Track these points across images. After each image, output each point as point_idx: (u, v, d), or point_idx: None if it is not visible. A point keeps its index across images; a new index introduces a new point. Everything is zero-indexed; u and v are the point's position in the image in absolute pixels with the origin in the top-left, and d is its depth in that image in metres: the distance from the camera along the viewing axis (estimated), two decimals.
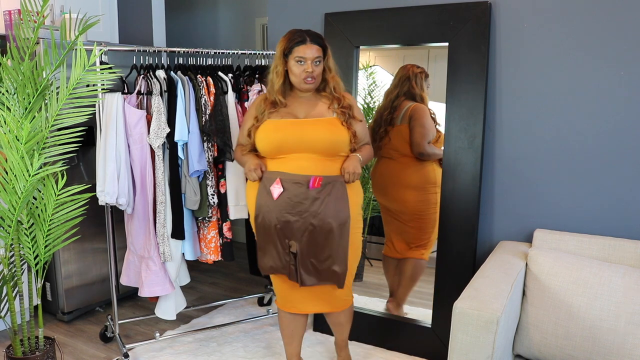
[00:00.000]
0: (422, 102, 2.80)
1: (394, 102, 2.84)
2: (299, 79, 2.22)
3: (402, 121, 2.82)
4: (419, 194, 2.86)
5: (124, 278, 2.84)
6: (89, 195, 2.42)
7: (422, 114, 2.79)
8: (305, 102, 2.30)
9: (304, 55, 2.18)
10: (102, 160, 2.56)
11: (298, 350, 2.56)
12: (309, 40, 2.19)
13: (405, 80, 2.82)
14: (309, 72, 2.19)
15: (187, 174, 2.66)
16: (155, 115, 2.57)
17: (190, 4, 5.23)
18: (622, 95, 2.30)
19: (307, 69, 2.19)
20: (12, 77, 2.28)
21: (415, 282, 2.93)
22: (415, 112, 2.80)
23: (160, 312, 2.84)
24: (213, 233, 2.79)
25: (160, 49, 2.75)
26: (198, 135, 2.66)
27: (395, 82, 2.86)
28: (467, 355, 1.87)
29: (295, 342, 2.53)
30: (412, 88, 2.80)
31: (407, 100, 2.81)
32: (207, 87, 2.72)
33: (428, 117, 2.80)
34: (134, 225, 2.72)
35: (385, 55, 2.95)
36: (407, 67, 2.84)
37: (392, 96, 2.85)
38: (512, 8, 2.49)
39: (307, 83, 2.22)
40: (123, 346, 2.75)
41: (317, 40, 2.22)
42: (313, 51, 2.19)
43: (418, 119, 2.79)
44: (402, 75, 2.83)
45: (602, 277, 2.04)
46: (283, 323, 2.50)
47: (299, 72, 2.20)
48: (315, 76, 2.22)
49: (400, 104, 2.82)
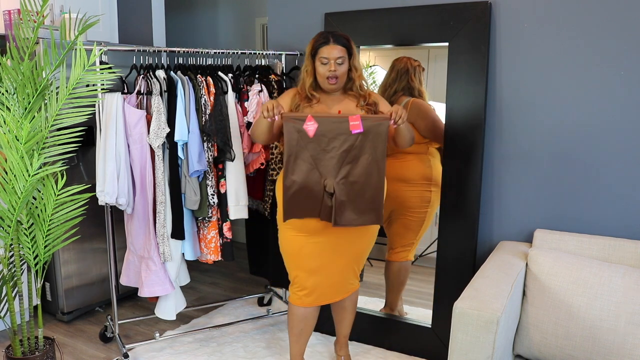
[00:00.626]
0: (421, 97, 2.75)
1: (391, 98, 2.77)
2: (323, 79, 2.30)
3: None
4: (412, 189, 2.81)
5: (124, 278, 2.84)
6: (88, 195, 2.42)
7: (427, 110, 2.74)
8: (336, 99, 2.37)
9: (328, 55, 2.25)
10: (102, 160, 2.55)
11: (304, 349, 2.57)
12: (332, 41, 2.26)
13: (404, 74, 2.76)
14: (332, 71, 2.25)
15: (187, 173, 2.66)
16: (155, 115, 2.57)
17: (190, 4, 5.23)
18: (622, 94, 2.30)
19: (330, 68, 2.25)
20: (12, 77, 2.28)
21: (404, 285, 2.92)
22: (419, 110, 2.72)
23: (160, 312, 2.84)
24: (213, 233, 2.79)
25: (160, 48, 2.75)
26: (198, 135, 2.66)
27: (393, 76, 2.79)
28: (467, 355, 1.87)
29: (303, 340, 2.53)
30: (411, 82, 2.75)
31: (405, 96, 2.77)
32: (207, 87, 2.72)
33: (431, 110, 2.74)
34: (133, 225, 2.71)
35: (385, 55, 2.95)
36: (403, 59, 2.77)
37: (390, 91, 2.78)
38: (512, 8, 2.48)
39: (330, 83, 2.29)
40: (123, 346, 2.75)
41: (341, 41, 2.27)
42: (336, 51, 2.25)
43: (426, 116, 2.73)
44: (399, 68, 2.77)
45: (602, 277, 2.04)
46: (294, 321, 2.48)
47: (323, 71, 2.28)
48: (339, 75, 2.28)
49: (398, 99, 2.77)
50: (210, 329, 3.08)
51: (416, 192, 2.81)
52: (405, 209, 2.83)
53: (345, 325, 2.63)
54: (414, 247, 2.87)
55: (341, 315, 2.60)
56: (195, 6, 5.21)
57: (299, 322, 2.47)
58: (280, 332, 3.07)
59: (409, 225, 2.85)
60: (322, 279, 2.41)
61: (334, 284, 2.46)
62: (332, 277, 2.43)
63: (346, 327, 2.64)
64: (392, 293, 2.94)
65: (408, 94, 2.76)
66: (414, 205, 2.82)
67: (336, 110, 2.33)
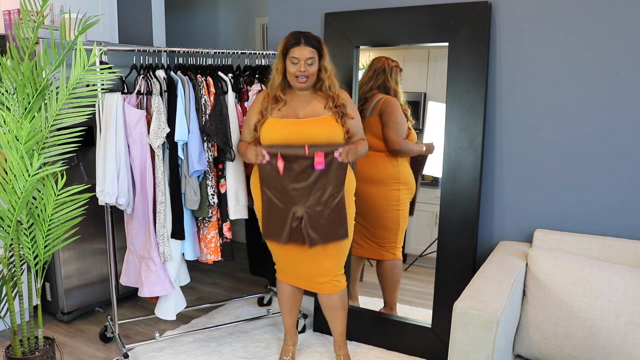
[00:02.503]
0: (396, 96, 2.80)
1: (367, 94, 2.82)
2: (292, 77, 2.40)
3: (372, 113, 2.81)
4: (379, 188, 2.84)
5: (124, 278, 2.83)
6: (88, 195, 2.42)
7: (394, 109, 2.78)
8: (304, 100, 2.47)
9: (298, 55, 2.35)
10: (102, 160, 2.55)
11: (296, 320, 2.79)
12: (303, 42, 2.36)
13: (380, 73, 2.81)
14: (302, 71, 2.37)
15: (187, 173, 2.66)
16: (155, 115, 2.57)
17: (190, 4, 5.23)
18: (622, 95, 2.30)
19: (300, 68, 2.37)
20: (12, 77, 2.27)
21: (398, 283, 2.92)
22: (386, 106, 2.78)
23: (160, 312, 2.83)
24: (213, 233, 2.79)
25: (160, 48, 2.75)
26: (198, 135, 2.66)
27: (369, 74, 2.84)
28: (467, 355, 1.87)
29: (294, 313, 2.75)
30: (387, 81, 2.80)
31: (379, 93, 2.80)
32: (207, 87, 2.72)
33: (400, 111, 2.78)
34: (133, 225, 2.71)
35: (385, 55, 2.94)
36: (381, 59, 2.83)
37: (366, 88, 2.84)
38: (512, 8, 2.48)
39: (299, 82, 2.40)
40: (123, 346, 2.75)
41: (312, 42, 2.38)
42: (306, 52, 2.35)
43: (391, 115, 2.78)
44: (377, 67, 2.82)
45: (603, 277, 2.04)
46: (283, 297, 2.70)
47: (293, 71, 2.38)
48: (308, 75, 2.39)
49: (372, 96, 2.81)
50: (210, 329, 3.08)
51: (383, 191, 2.84)
52: (377, 209, 2.87)
53: (337, 323, 2.64)
54: (398, 245, 2.88)
55: (331, 314, 2.62)
56: (195, 6, 5.21)
57: (288, 298, 2.69)
58: (280, 332, 3.07)
59: (386, 225, 2.89)
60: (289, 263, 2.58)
61: (303, 276, 2.58)
62: (301, 266, 2.55)
63: (338, 325, 2.64)
64: (388, 292, 2.95)
65: (383, 92, 2.81)
66: (383, 205, 2.85)
67: (304, 113, 2.43)
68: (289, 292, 2.69)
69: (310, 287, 2.61)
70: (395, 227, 2.86)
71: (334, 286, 2.54)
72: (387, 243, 2.90)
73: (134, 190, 2.65)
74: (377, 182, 2.84)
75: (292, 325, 2.77)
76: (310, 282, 2.59)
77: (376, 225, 2.89)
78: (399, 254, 2.89)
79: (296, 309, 2.76)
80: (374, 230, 2.90)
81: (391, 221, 2.87)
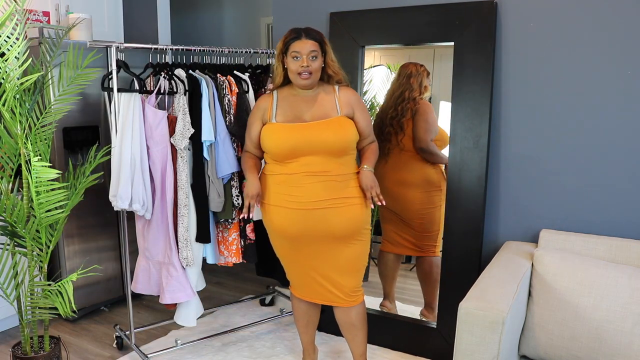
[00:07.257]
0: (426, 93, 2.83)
1: (397, 101, 2.84)
2: (295, 75, 2.22)
3: (408, 116, 2.82)
4: (422, 194, 2.86)
5: (137, 285, 2.72)
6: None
7: (426, 110, 2.81)
8: (309, 100, 2.29)
9: (299, 49, 2.18)
10: (117, 163, 2.45)
11: (313, 337, 2.63)
12: (303, 36, 2.20)
13: (408, 79, 2.82)
14: (304, 66, 2.18)
15: (211, 175, 2.57)
16: (180, 115, 2.47)
17: (195, 3, 5.24)
18: (629, 94, 2.28)
19: (303, 63, 2.18)
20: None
21: (438, 281, 2.83)
22: (420, 107, 2.81)
23: (180, 319, 2.72)
24: (235, 235, 2.71)
25: (175, 47, 2.68)
26: (227, 135, 2.57)
27: (398, 81, 2.86)
28: (473, 355, 1.86)
29: (310, 330, 2.58)
30: (419, 85, 2.81)
31: (411, 100, 2.82)
32: (230, 86, 2.66)
33: (432, 113, 2.81)
34: (151, 231, 2.59)
35: (390, 54, 2.94)
36: (409, 65, 2.84)
37: (397, 95, 2.85)
38: (518, 7, 2.47)
39: (302, 79, 2.21)
40: (145, 356, 2.71)
41: (313, 35, 2.22)
42: (308, 46, 2.19)
43: (422, 114, 2.80)
44: (405, 74, 2.84)
45: (609, 278, 2.03)
46: (299, 313, 2.54)
47: (295, 67, 2.20)
48: (312, 71, 2.21)
49: (405, 102, 2.82)
50: (215, 329, 3.08)
51: (425, 197, 2.85)
52: (419, 211, 2.88)
53: (357, 343, 2.44)
54: (438, 241, 2.85)
55: (350, 332, 2.43)
56: (200, 6, 5.22)
57: (303, 314, 2.53)
58: (286, 332, 3.07)
59: (425, 225, 2.89)
60: (302, 279, 2.43)
61: (315, 290, 2.40)
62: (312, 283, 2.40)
63: (358, 345, 2.44)
64: (428, 293, 2.92)
65: (414, 98, 2.82)
66: (426, 210, 2.87)
67: (310, 115, 2.26)
68: (303, 307, 2.51)
69: (326, 300, 2.41)
70: (436, 225, 2.84)
71: (351, 298, 2.36)
72: (427, 236, 2.89)
73: (153, 195, 2.55)
74: (419, 188, 2.87)
75: (309, 342, 2.60)
76: (324, 296, 2.40)
77: (417, 224, 2.90)
78: (438, 250, 2.86)
79: (313, 326, 2.57)
80: (412, 228, 2.91)
81: (431, 221, 2.86)
